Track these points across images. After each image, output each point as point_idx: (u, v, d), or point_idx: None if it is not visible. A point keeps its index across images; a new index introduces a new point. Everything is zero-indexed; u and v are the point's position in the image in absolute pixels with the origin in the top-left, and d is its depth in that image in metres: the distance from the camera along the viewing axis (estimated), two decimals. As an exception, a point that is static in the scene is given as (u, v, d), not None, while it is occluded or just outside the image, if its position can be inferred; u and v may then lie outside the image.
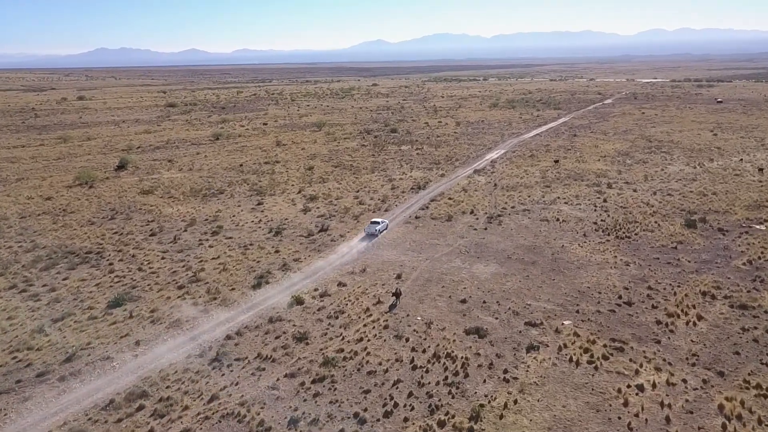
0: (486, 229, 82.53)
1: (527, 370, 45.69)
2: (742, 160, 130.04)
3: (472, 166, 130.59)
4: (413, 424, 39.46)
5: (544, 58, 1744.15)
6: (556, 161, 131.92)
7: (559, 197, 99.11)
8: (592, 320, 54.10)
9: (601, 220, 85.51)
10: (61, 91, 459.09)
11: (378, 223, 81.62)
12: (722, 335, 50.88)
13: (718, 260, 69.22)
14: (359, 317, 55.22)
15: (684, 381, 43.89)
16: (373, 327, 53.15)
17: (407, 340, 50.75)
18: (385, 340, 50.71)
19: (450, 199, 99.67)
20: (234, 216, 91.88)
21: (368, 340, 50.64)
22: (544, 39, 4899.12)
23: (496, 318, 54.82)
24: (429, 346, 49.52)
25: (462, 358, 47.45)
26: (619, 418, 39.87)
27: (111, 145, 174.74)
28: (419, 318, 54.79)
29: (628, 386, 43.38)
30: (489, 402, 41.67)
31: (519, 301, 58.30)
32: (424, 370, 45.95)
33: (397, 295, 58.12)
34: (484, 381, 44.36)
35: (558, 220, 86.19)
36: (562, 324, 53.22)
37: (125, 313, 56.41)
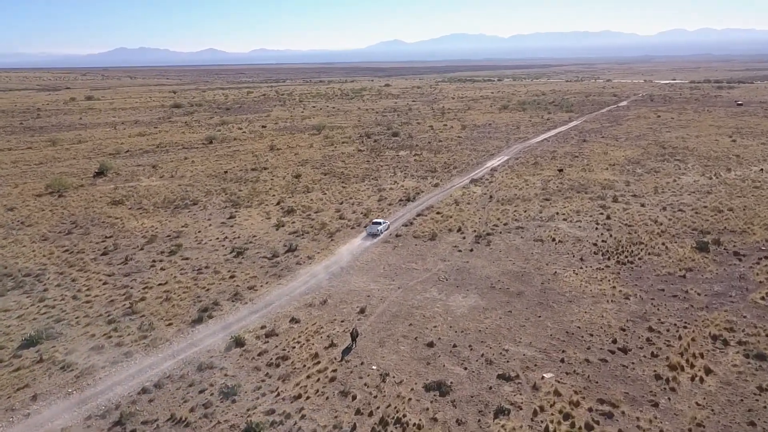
0: (472, 250, 73.95)
1: (491, 445, 37.09)
2: (762, 170, 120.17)
3: (470, 175, 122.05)
4: None
5: (561, 58, 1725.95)
6: (561, 170, 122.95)
7: (558, 213, 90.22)
8: (579, 373, 45.37)
9: (602, 241, 76.58)
10: (74, 91, 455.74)
11: (380, 223, 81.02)
12: (734, 396, 41.98)
13: (732, 293, 60.16)
14: (304, 366, 46.93)
15: (684, 465, 35.09)
16: (318, 379, 44.84)
17: (354, 398, 42.40)
18: (327, 398, 42.38)
19: (438, 213, 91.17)
20: (200, 232, 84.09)
21: (307, 398, 42.35)
22: (563, 39, 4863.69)
23: (465, 368, 46.30)
24: (378, 407, 41.15)
25: (414, 425, 39.03)
26: None
27: (99, 148, 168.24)
28: (374, 367, 46.44)
29: (614, 472, 34.66)
30: (436, 493, 33.16)
31: (495, 346, 49.68)
32: (365, 442, 37.52)
33: (353, 336, 49.79)
34: (436, 460, 35.85)
35: (554, 240, 77.38)
36: (542, 378, 44.58)
37: (35, 356, 48.62)
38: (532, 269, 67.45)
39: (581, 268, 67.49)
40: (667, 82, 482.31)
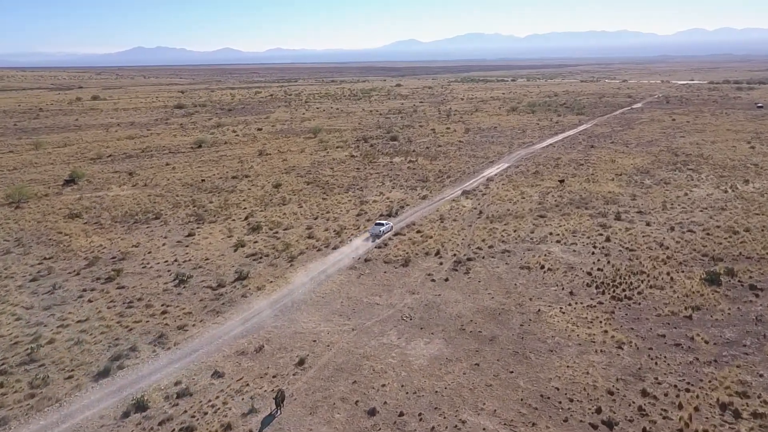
0: (447, 280, 64.60)
1: None
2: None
3: (464, 185, 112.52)
4: None
5: (578, 58, 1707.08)
6: (561, 181, 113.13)
7: (551, 233, 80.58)
8: (549, 458, 35.86)
9: (598, 269, 66.92)
10: (84, 91, 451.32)
11: (382, 224, 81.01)
12: (746, 499, 32.26)
13: (747, 341, 50.39)
14: (210, 441, 37.79)
15: None
16: (220, 463, 35.69)
17: (258, 493, 33.19)
18: (224, 493, 33.20)
19: (418, 232, 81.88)
20: (149, 252, 75.47)
21: (199, 492, 33.19)
22: (579, 39, 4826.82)
23: (408, 448, 36.95)
24: None
25: None
26: None
27: (82, 152, 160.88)
28: (295, 445, 37.20)
29: None
30: None
31: (451, 414, 40.37)
32: None
33: (278, 401, 40.67)
34: None
35: (542, 267, 67.84)
36: (502, 466, 35.14)
37: None
38: (512, 305, 57.99)
39: (569, 305, 57.92)
40: (685, 82, 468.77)
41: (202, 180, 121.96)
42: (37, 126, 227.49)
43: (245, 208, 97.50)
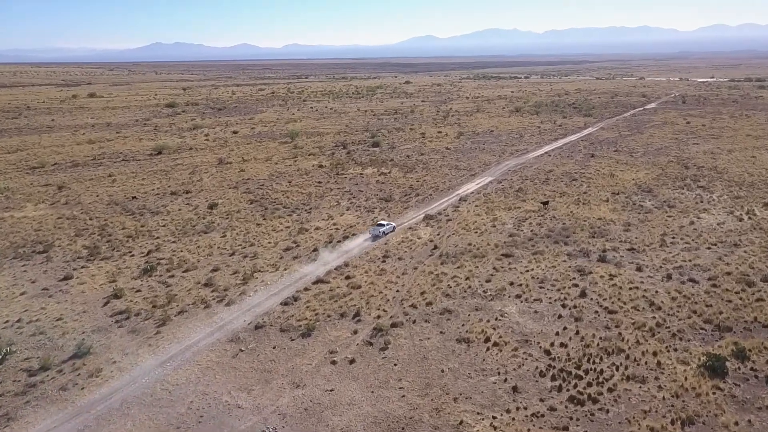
0: (353, 362, 47.49)
1: None
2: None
3: (430, 207, 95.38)
4: None
5: (597, 54, 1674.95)
6: (545, 203, 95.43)
7: (513, 282, 63.06)
8: None
9: (561, 345, 49.39)
10: (92, 87, 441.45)
11: (383, 225, 79.95)
12: None
13: (760, 491, 32.55)
14: None
15: None
16: None
17: None
18: None
19: (347, 278, 64.87)
20: (-4, 307, 58.92)
21: None
22: (599, 35, 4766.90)
23: None
24: None
25: None
26: None
27: (27, 160, 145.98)
28: None
29: None
30: None
31: None
32: None
33: None
34: None
35: (488, 340, 50.53)
36: None
37: None
38: (426, 411, 40.74)
39: (508, 411, 40.54)
40: (705, 80, 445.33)
41: (134, 197, 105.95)
42: (9, 127, 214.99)
43: (157, 238, 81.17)
